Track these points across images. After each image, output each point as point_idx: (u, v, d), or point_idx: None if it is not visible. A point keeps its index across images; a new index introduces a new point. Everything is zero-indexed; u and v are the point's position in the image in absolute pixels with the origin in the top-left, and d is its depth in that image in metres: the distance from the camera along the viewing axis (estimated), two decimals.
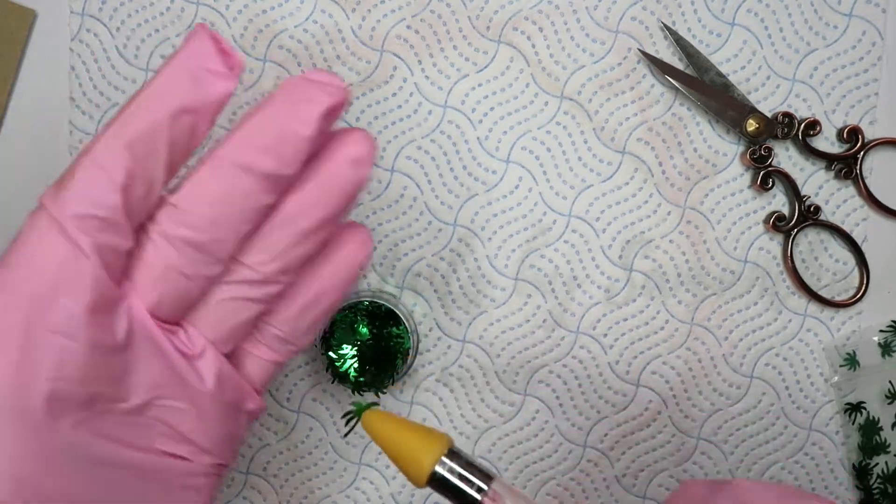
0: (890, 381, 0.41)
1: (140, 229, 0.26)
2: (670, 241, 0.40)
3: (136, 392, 0.26)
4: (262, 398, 0.31)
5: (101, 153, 0.25)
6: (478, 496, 0.25)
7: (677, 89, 0.39)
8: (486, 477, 0.26)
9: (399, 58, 0.39)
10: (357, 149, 0.28)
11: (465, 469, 0.25)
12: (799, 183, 0.40)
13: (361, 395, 0.37)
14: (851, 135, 0.40)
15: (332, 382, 0.38)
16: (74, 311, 0.24)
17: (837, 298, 0.41)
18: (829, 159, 0.40)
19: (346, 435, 0.23)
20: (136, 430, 0.27)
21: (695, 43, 0.39)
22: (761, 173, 0.39)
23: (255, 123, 0.26)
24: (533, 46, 0.39)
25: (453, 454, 0.26)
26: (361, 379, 0.36)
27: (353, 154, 0.27)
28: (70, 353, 0.24)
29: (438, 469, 0.25)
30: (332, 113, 0.27)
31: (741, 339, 0.41)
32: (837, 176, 0.40)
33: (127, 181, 0.24)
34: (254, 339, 0.30)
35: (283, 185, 0.27)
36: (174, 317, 0.28)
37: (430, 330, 0.40)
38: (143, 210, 0.26)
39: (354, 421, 0.27)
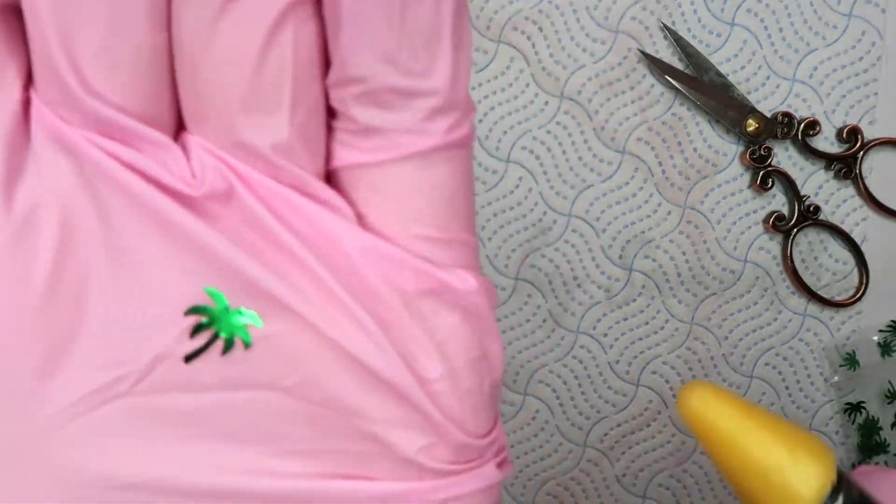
0: (889, 381, 0.41)
1: None
2: (670, 241, 0.40)
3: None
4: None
5: None
6: None
7: (677, 89, 0.39)
8: None
9: None
10: None
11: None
12: (798, 183, 0.40)
13: None
14: (851, 135, 0.40)
15: None
16: None
17: (837, 298, 0.41)
18: (828, 159, 0.40)
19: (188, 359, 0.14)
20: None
21: (694, 43, 0.39)
22: (761, 173, 0.40)
23: None
24: (533, 46, 0.39)
25: (844, 484, 0.15)
26: None
27: None
28: None
29: None
30: None
31: (741, 339, 0.41)
32: (837, 176, 0.40)
33: None
34: (341, 131, 0.15)
35: None
36: (135, 104, 0.14)
37: None
38: None
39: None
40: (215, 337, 0.14)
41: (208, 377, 0.14)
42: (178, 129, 0.14)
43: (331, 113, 0.15)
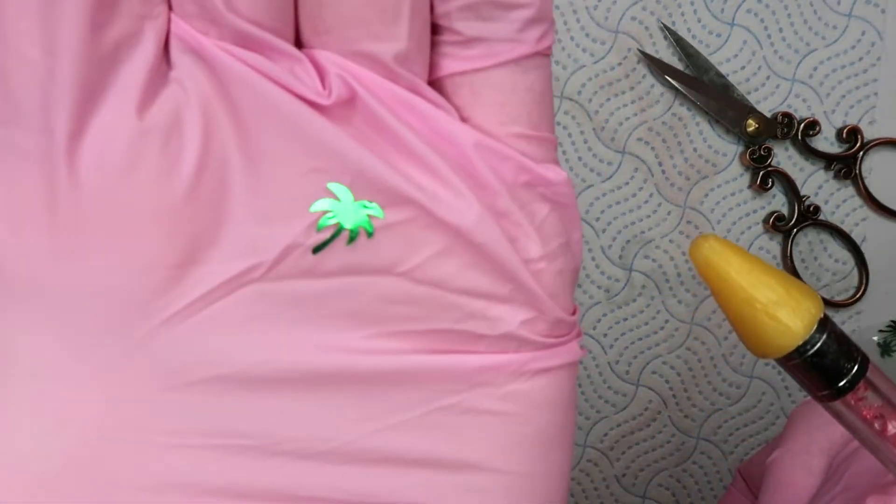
0: None
1: None
2: (670, 241, 0.40)
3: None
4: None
5: None
6: (849, 385, 0.18)
7: (677, 89, 0.39)
8: (864, 358, 0.18)
9: None
10: None
11: (839, 343, 0.18)
12: (798, 183, 0.40)
13: None
14: (851, 135, 0.40)
15: None
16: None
17: (837, 298, 0.41)
18: (828, 159, 0.40)
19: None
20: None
21: (694, 43, 0.39)
22: (761, 173, 0.40)
23: None
24: None
25: (829, 321, 0.18)
26: None
27: None
28: None
29: (812, 339, 0.17)
30: None
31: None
32: (837, 176, 0.40)
33: None
34: (445, 43, 0.16)
35: None
36: (268, 21, 0.15)
37: None
38: None
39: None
40: (341, 228, 0.15)
41: (331, 264, 0.15)
42: (297, 45, 0.16)
43: (433, 30, 0.16)
